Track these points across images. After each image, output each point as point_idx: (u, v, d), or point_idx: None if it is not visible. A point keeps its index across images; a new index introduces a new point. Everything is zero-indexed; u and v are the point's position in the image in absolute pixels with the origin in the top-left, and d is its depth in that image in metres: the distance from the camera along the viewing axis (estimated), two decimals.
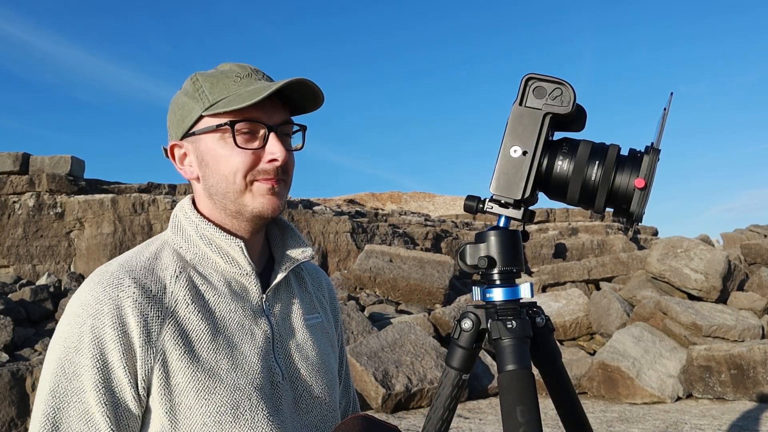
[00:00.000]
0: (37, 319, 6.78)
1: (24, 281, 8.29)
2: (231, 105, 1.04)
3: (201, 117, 1.09)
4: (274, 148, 1.08)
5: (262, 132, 1.09)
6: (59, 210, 10.25)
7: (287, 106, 1.14)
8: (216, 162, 1.09)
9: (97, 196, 10.41)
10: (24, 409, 4.74)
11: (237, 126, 1.06)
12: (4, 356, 5.44)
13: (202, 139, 1.10)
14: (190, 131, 1.10)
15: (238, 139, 1.07)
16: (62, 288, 7.51)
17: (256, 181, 1.09)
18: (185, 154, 1.14)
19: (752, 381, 5.66)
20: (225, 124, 1.06)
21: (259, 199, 1.10)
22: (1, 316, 6.00)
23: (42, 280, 7.89)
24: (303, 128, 1.16)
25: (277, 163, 1.08)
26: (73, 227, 10.29)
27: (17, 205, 10.13)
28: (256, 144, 1.08)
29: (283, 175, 1.11)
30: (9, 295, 6.91)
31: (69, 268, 10.13)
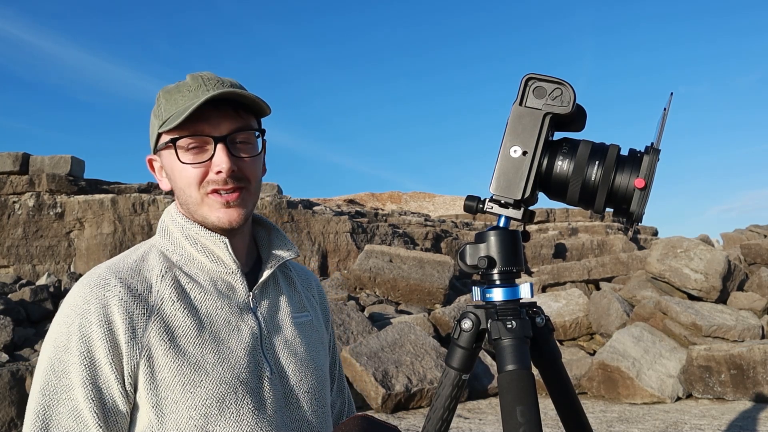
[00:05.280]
0: (37, 319, 6.78)
1: (24, 281, 8.28)
2: (172, 122, 1.09)
3: (160, 134, 1.14)
4: (218, 160, 1.11)
5: (210, 144, 1.12)
6: (59, 210, 10.25)
7: (246, 112, 1.15)
8: (174, 176, 1.15)
9: (97, 196, 10.41)
10: (24, 409, 4.73)
11: (181, 142, 1.11)
12: (4, 356, 5.44)
13: (163, 154, 1.16)
14: (156, 147, 1.17)
15: (186, 155, 1.12)
16: (62, 288, 7.50)
17: (210, 194, 1.13)
18: (161, 167, 1.19)
19: (752, 381, 5.66)
20: (169, 141, 1.12)
21: (214, 213, 1.14)
22: (1, 316, 5.99)
23: (42, 280, 7.89)
24: (261, 132, 1.17)
25: (222, 175, 1.11)
26: (73, 227, 10.29)
27: (17, 205, 10.13)
28: (205, 156, 1.12)
29: (239, 182, 1.13)
30: (9, 295, 6.90)
31: (69, 268, 10.13)
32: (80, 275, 8.72)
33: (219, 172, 1.10)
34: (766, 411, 5.32)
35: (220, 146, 1.11)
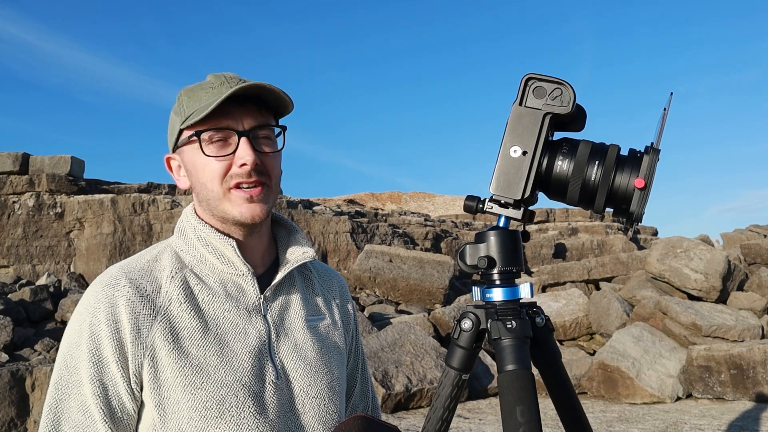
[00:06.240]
0: (36, 319, 6.77)
1: (24, 281, 8.28)
2: (197, 116, 1.10)
3: (182, 130, 1.15)
4: (242, 153, 1.12)
5: (233, 138, 1.12)
6: (59, 210, 10.25)
7: (267, 110, 1.17)
8: (196, 171, 1.15)
9: (97, 196, 10.41)
10: (24, 410, 4.74)
11: (204, 135, 1.12)
12: (4, 356, 5.44)
13: (185, 150, 1.17)
14: (177, 144, 1.18)
15: (209, 147, 1.12)
16: (62, 288, 7.50)
17: (233, 188, 1.13)
18: (179, 166, 1.20)
19: (752, 381, 5.66)
20: (193, 134, 1.13)
21: (237, 208, 1.14)
22: (1, 316, 5.98)
23: (42, 280, 7.88)
24: (283, 129, 1.19)
25: (247, 168, 1.11)
26: (73, 227, 10.29)
27: (17, 205, 10.13)
28: (228, 150, 1.12)
29: (261, 177, 1.14)
30: (9, 295, 6.89)
31: (69, 268, 10.13)
32: (80, 275, 8.73)
33: (243, 164, 1.11)
34: (766, 411, 5.32)
35: (243, 140, 1.12)
